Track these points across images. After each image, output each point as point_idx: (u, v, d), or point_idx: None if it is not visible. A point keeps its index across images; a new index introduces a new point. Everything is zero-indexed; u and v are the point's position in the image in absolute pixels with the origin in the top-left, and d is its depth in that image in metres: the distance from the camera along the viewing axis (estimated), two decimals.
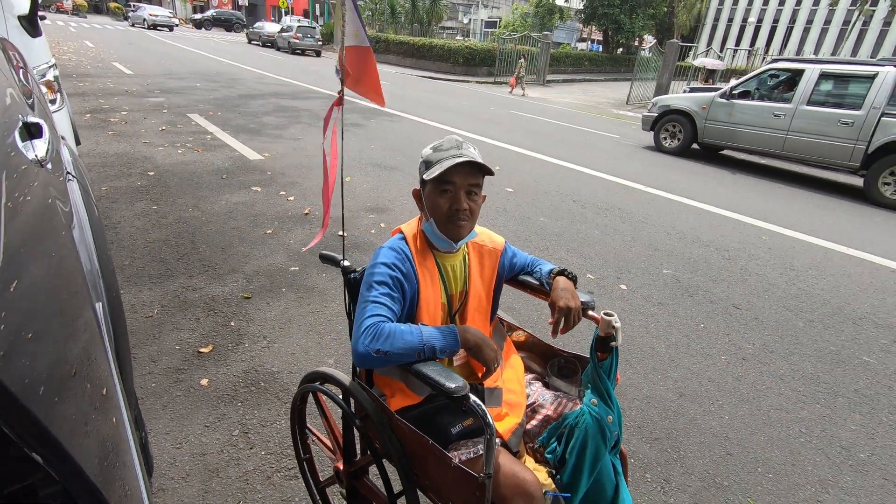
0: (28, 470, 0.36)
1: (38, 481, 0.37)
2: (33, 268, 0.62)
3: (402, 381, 1.25)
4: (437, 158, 1.17)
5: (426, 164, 1.20)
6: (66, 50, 14.10)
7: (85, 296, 0.82)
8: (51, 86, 2.89)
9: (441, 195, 1.18)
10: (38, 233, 0.72)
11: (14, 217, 0.63)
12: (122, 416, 0.83)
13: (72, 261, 0.84)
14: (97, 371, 0.66)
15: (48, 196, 0.87)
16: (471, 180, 1.18)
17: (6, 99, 0.91)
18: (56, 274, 0.71)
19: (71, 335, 0.64)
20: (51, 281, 0.67)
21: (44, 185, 0.88)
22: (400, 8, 31.41)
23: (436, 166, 1.16)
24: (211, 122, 6.97)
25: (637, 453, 1.96)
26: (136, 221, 3.56)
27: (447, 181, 1.16)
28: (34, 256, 0.64)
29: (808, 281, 3.76)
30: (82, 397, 0.54)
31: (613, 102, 17.87)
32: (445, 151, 1.17)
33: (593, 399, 1.23)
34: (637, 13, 30.60)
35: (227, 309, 2.64)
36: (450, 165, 1.13)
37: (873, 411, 2.36)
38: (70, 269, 0.80)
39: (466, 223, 1.19)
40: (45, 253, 0.70)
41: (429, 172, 1.17)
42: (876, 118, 6.44)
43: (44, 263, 0.67)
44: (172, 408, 1.95)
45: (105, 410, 0.64)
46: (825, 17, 39.22)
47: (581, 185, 5.85)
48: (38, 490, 0.37)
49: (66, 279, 0.75)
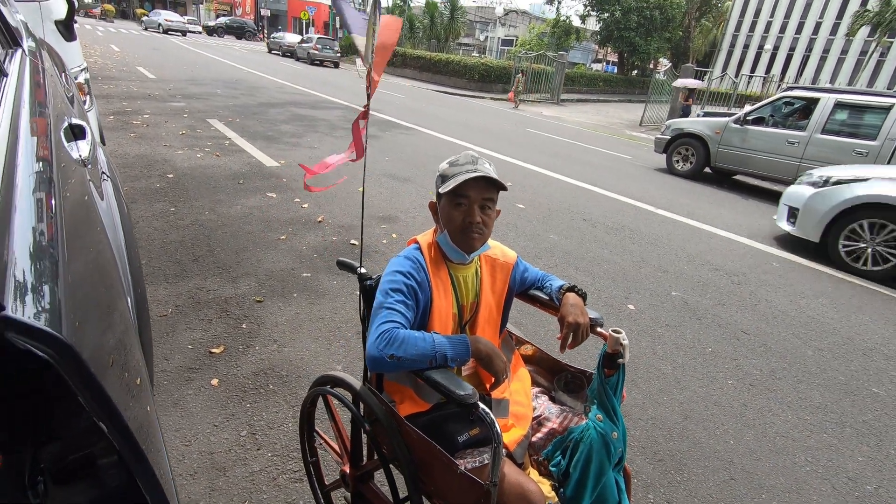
0: (90, 441, 0.40)
1: (97, 451, 0.40)
2: (76, 261, 0.66)
3: (412, 387, 1.28)
4: (453, 173, 1.21)
5: (442, 177, 1.24)
6: (93, 53, 14.49)
7: (119, 289, 0.86)
8: (82, 88, 3.00)
9: (455, 208, 1.22)
10: (80, 228, 0.77)
11: (63, 213, 0.68)
12: (153, 406, 0.87)
13: (107, 256, 0.88)
14: (132, 361, 0.70)
15: (89, 194, 0.92)
16: (485, 195, 1.22)
17: (54, 96, 0.97)
18: (94, 268, 0.75)
19: (109, 326, 0.68)
20: (90, 274, 0.71)
21: (85, 184, 0.93)
22: (419, 23, 31.98)
23: (451, 180, 1.20)
24: (230, 128, 7.12)
25: (641, 473, 1.96)
26: (154, 222, 3.65)
27: (462, 195, 1.20)
28: (77, 250, 0.68)
29: (819, 309, 3.74)
30: (120, 386, 0.57)
31: (627, 123, 17.95)
32: (461, 166, 1.21)
33: (599, 415, 1.25)
34: (653, 36, 30.87)
35: (239, 311, 2.69)
36: (464, 179, 1.17)
37: (881, 443, 2.33)
38: (106, 263, 0.85)
39: (479, 236, 1.23)
40: (85, 247, 0.74)
41: (444, 186, 1.21)
42: (891, 149, 6.42)
43: (84, 257, 0.71)
44: (183, 405, 1.98)
45: (140, 399, 0.67)
46: (842, 48, 39.26)
47: (592, 205, 5.88)
48: (97, 459, 0.41)
49: (102, 273, 0.79)
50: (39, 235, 0.55)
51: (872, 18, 28.81)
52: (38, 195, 0.64)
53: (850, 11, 36.42)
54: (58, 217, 0.60)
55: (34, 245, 0.52)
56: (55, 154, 0.77)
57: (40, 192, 0.65)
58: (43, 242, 0.54)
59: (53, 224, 0.57)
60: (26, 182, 0.62)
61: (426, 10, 32.00)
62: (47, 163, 0.72)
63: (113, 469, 0.41)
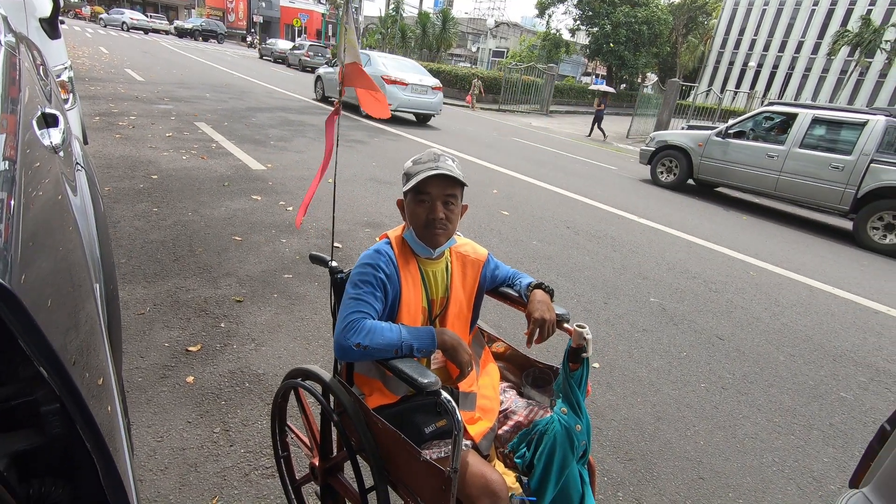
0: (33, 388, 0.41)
1: (40, 398, 0.42)
2: (43, 257, 0.64)
3: (381, 380, 1.30)
4: (416, 171, 1.24)
5: (406, 175, 1.28)
6: (81, 55, 14.39)
7: (88, 289, 0.86)
8: (65, 86, 2.99)
9: (419, 205, 1.25)
10: (49, 220, 0.76)
11: (30, 204, 0.68)
12: (116, 406, 0.87)
13: (78, 253, 0.87)
14: (95, 361, 0.71)
15: (62, 193, 0.93)
16: (447, 191, 1.25)
17: (29, 90, 0.98)
18: (62, 265, 0.74)
19: (73, 326, 0.66)
20: (57, 272, 0.70)
21: (58, 181, 0.94)
22: (411, 33, 32.24)
23: (413, 178, 1.23)
24: (217, 131, 7.11)
25: (611, 472, 1.99)
26: (135, 222, 3.63)
27: (424, 192, 1.24)
28: (44, 246, 0.66)
29: (792, 317, 3.83)
30: (80, 386, 0.58)
31: (614, 135, 18.20)
32: (423, 164, 1.25)
33: (563, 408, 1.28)
34: (641, 51, 31.47)
35: (218, 310, 2.69)
36: (424, 177, 1.21)
37: (846, 445, 2.39)
38: (75, 260, 0.83)
39: (443, 231, 1.26)
40: (54, 243, 0.72)
41: (407, 184, 1.25)
42: (866, 164, 6.61)
43: (52, 254, 0.69)
44: (157, 402, 1.98)
45: (101, 399, 0.68)
46: (823, 66, 40.36)
47: (576, 213, 5.96)
48: (41, 405, 0.42)
49: (70, 271, 0.78)
50: None
51: (852, 39, 29.73)
52: None
53: (831, 31, 37.53)
54: (15, 218, 0.59)
55: None
56: (21, 152, 0.77)
57: None
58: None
59: (10, 225, 0.56)
60: None
61: (418, 20, 32.31)
62: (12, 162, 0.71)
63: (55, 417, 0.43)
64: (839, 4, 39.64)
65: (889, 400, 2.86)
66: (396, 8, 32.79)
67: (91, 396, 0.61)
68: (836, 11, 39.81)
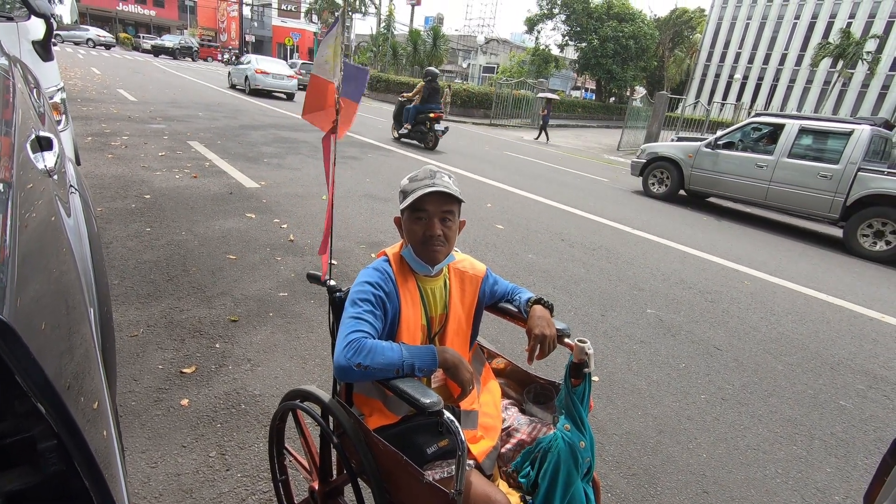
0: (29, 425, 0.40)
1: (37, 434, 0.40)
2: (37, 280, 0.63)
3: (381, 400, 1.28)
4: (412, 188, 1.24)
5: (403, 193, 1.27)
6: (73, 76, 14.41)
7: (82, 311, 0.84)
8: (57, 107, 2.99)
9: (416, 222, 1.24)
10: (43, 242, 0.75)
11: (24, 227, 0.67)
12: (111, 430, 0.85)
13: (71, 276, 0.86)
14: (90, 385, 0.69)
15: (55, 214, 0.92)
16: (444, 207, 1.24)
17: (23, 112, 0.98)
18: (56, 287, 0.72)
19: (66, 350, 0.65)
20: (51, 294, 0.68)
21: (52, 202, 0.93)
22: (402, 50, 32.63)
23: (410, 196, 1.23)
24: (210, 150, 7.11)
25: (614, 488, 1.96)
26: (128, 242, 3.60)
27: (421, 209, 1.23)
28: (38, 269, 0.65)
29: (788, 326, 3.84)
30: (75, 411, 0.56)
31: (605, 148, 18.42)
32: (420, 181, 1.24)
33: (566, 424, 1.27)
34: (629, 65, 32.01)
35: (213, 331, 2.65)
36: (421, 195, 1.20)
37: (849, 455, 2.38)
38: (69, 283, 0.82)
39: (441, 248, 1.25)
40: (48, 266, 0.71)
41: (404, 201, 1.25)
42: (853, 172, 6.71)
43: (46, 277, 0.68)
44: (151, 426, 1.94)
45: (96, 423, 0.66)
46: (807, 77, 41.22)
47: (570, 225, 5.98)
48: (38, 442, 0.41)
49: (64, 293, 0.76)
50: None
51: (833, 51, 30.44)
52: None
53: (812, 44, 38.43)
54: (11, 242, 0.57)
55: None
56: (16, 175, 0.76)
57: None
58: None
59: (5, 249, 0.55)
60: None
61: (410, 37, 32.73)
62: (7, 184, 0.70)
63: (52, 454, 0.41)
64: (820, 18, 40.68)
65: (888, 407, 2.86)
66: (387, 26, 33.24)
67: (86, 422, 0.59)
68: (817, 25, 40.84)
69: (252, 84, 17.52)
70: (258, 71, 17.49)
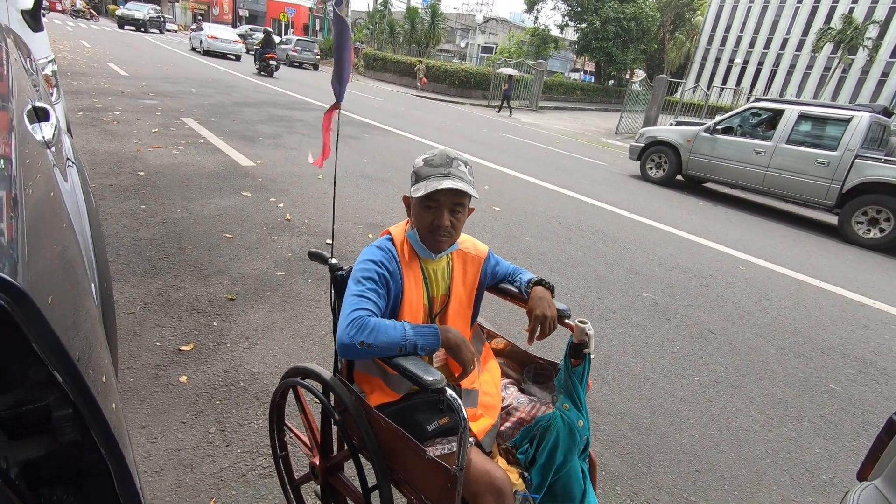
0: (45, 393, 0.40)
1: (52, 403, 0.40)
2: (44, 254, 0.62)
3: (382, 378, 1.29)
4: (426, 174, 1.21)
5: (416, 175, 1.24)
6: (62, 48, 14.07)
7: (85, 286, 0.83)
8: (49, 80, 2.92)
9: (425, 210, 1.22)
10: (45, 217, 0.73)
11: (28, 201, 0.65)
12: (120, 404, 0.85)
13: (73, 251, 0.85)
14: (97, 358, 0.68)
15: (54, 188, 0.90)
16: (455, 199, 1.22)
17: (18, 83, 0.95)
18: (61, 263, 0.71)
19: (73, 325, 0.64)
20: (57, 269, 0.67)
21: (51, 176, 0.91)
22: (399, 28, 32.03)
23: (423, 183, 1.20)
24: (204, 127, 7.00)
25: (608, 466, 2.00)
26: (123, 219, 3.56)
27: (432, 198, 1.21)
28: (43, 243, 0.64)
29: (782, 310, 3.88)
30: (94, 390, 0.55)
31: (603, 131, 18.32)
32: (435, 168, 1.21)
33: (565, 404, 1.28)
34: (629, 47, 31.60)
35: (210, 309, 2.65)
36: (435, 189, 1.17)
37: (837, 436, 2.43)
38: (72, 259, 0.81)
39: (447, 238, 1.24)
40: (51, 241, 0.70)
41: (416, 188, 1.21)
42: (850, 159, 6.71)
43: (51, 251, 0.67)
44: (150, 403, 1.94)
45: (106, 397, 0.66)
46: (807, 63, 40.92)
47: (567, 209, 5.97)
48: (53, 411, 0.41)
49: (68, 268, 0.75)
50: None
51: (835, 36, 30.19)
52: None
53: (814, 29, 38.07)
54: (18, 216, 0.56)
55: None
56: (18, 149, 0.74)
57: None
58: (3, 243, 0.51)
59: (13, 224, 0.54)
60: None
61: (407, 15, 32.09)
62: (7, 159, 0.69)
63: (68, 422, 0.41)
64: (822, 2, 40.19)
65: (876, 391, 2.92)
66: (384, 3, 32.53)
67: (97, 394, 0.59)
68: (819, 9, 40.35)
69: (205, 47, 21.50)
70: (210, 36, 21.64)
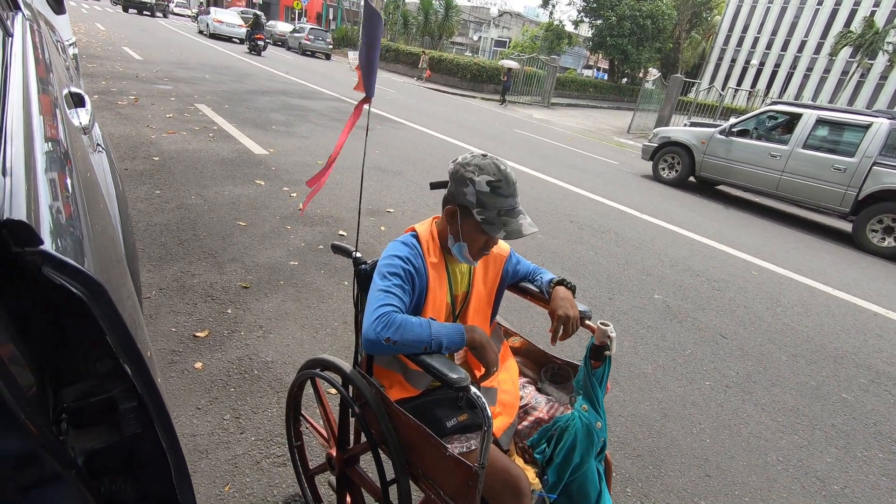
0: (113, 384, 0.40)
1: (119, 395, 0.40)
2: (95, 236, 0.62)
3: (402, 373, 1.29)
4: (498, 206, 1.17)
5: (479, 198, 1.17)
6: (77, 31, 14.11)
7: (125, 267, 0.84)
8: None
9: (481, 233, 1.21)
10: (88, 200, 0.74)
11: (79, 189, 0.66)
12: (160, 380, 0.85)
13: (110, 231, 0.86)
14: (142, 336, 0.69)
15: (88, 163, 0.91)
16: None
17: (57, 68, 0.95)
18: (104, 242, 0.71)
19: (118, 301, 0.66)
20: (104, 250, 0.68)
21: (85, 153, 0.92)
22: (413, 20, 31.87)
23: (493, 214, 1.17)
24: (218, 114, 7.02)
25: (619, 468, 2.00)
26: (138, 204, 3.58)
27: None
28: (94, 225, 0.64)
29: (794, 317, 3.85)
30: (158, 384, 0.56)
31: (615, 130, 18.17)
32: (506, 200, 1.18)
33: (584, 405, 1.28)
34: (644, 45, 31.24)
35: (224, 297, 2.67)
36: (520, 236, 1.19)
37: (849, 446, 2.42)
38: (111, 239, 0.82)
39: (489, 252, 1.31)
40: (93, 221, 0.71)
41: (484, 219, 1.17)
42: (868, 166, 6.62)
43: (101, 233, 0.68)
44: (166, 388, 1.96)
45: (153, 372, 0.66)
46: (825, 66, 40.31)
47: (579, 207, 5.95)
48: (119, 403, 0.41)
49: (109, 248, 0.76)
50: (57, 213, 0.52)
51: (855, 40, 29.69)
52: (53, 174, 0.60)
53: (833, 32, 37.46)
54: (75, 197, 0.57)
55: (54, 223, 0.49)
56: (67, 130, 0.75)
57: (56, 169, 0.61)
58: (62, 221, 0.51)
59: (70, 203, 0.54)
60: (42, 157, 0.59)
61: (421, 6, 31.92)
62: (57, 142, 0.69)
63: (132, 415, 0.41)
64: (843, 5, 39.52)
65: (889, 402, 2.90)
66: None
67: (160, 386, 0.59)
68: (839, 12, 39.69)
69: (211, 30, 23.21)
70: (216, 20, 23.40)
